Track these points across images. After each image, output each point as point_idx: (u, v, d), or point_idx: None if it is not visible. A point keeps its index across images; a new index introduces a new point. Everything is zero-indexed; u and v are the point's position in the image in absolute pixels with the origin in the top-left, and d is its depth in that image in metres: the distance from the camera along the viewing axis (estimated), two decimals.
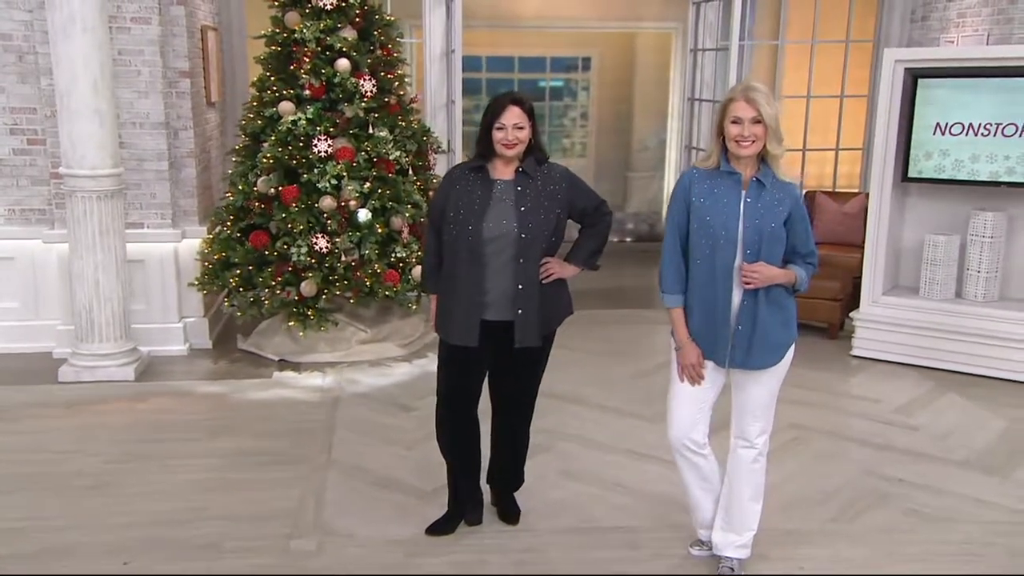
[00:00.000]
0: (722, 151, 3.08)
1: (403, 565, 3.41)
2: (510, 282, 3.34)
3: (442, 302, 3.49)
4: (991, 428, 4.85)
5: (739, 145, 2.99)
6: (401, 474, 4.19)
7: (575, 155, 10.99)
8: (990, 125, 5.45)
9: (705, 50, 7.36)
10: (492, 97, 3.45)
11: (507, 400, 3.65)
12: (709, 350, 3.15)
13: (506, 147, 3.29)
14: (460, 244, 3.34)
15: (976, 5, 6.33)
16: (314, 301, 5.58)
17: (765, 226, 3.03)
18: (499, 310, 3.36)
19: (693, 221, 3.09)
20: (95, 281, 5.30)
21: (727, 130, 3.01)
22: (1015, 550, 3.61)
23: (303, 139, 5.54)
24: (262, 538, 3.57)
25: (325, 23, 5.59)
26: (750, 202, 3.04)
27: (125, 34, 5.58)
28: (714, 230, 3.05)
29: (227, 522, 3.70)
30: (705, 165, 3.14)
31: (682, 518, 3.78)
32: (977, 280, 5.72)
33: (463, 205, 3.34)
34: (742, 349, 3.12)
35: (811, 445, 4.62)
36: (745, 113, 2.96)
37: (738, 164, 3.05)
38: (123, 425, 4.74)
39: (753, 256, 3.03)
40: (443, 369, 3.56)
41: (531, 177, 3.38)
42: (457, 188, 3.39)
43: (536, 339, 3.42)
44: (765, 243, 3.03)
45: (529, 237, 3.32)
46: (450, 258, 3.41)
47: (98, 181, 5.20)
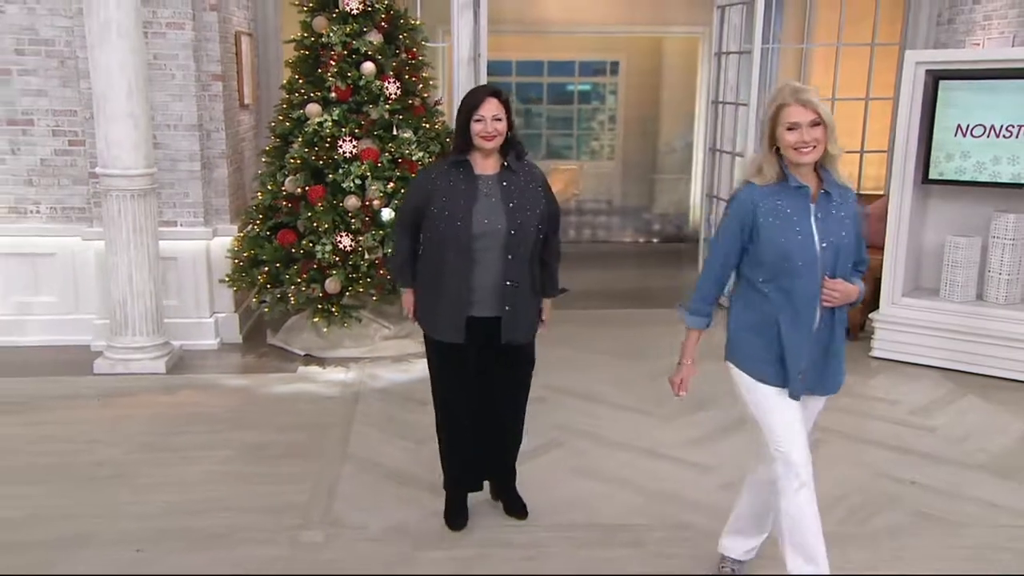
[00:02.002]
0: (779, 162, 2.72)
1: (409, 557, 3.35)
2: (498, 278, 3.25)
3: (425, 297, 3.41)
4: (1011, 432, 4.65)
5: (800, 153, 2.65)
6: (415, 468, 4.13)
7: (603, 157, 10.88)
8: (1012, 127, 5.24)
9: (729, 53, 7.20)
10: (468, 91, 3.38)
11: (496, 397, 3.55)
12: (778, 378, 2.80)
13: (485, 139, 3.20)
14: (448, 241, 3.24)
15: (1002, 7, 6.10)
16: (338, 298, 5.55)
17: (840, 241, 2.71)
18: (486, 306, 3.28)
19: (760, 244, 2.72)
20: (129, 277, 5.33)
21: (782, 138, 2.67)
22: None
23: (329, 140, 5.52)
24: (273, 529, 3.53)
25: (351, 27, 5.56)
26: (820, 217, 2.71)
27: (160, 39, 5.60)
28: (790, 253, 2.69)
29: (240, 513, 3.66)
30: (762, 180, 2.74)
31: (688, 517, 3.69)
32: (999, 282, 5.51)
33: (449, 202, 3.24)
34: (816, 373, 2.82)
35: (827, 446, 4.45)
36: (802, 117, 2.64)
37: (799, 174, 2.72)
38: (150, 417, 4.74)
39: (830, 274, 2.72)
40: (438, 366, 3.47)
41: (515, 172, 3.30)
42: (439, 185, 3.27)
43: (523, 336, 3.36)
44: (841, 258, 2.72)
45: (518, 233, 3.24)
46: (434, 255, 3.31)
47: (132, 181, 5.22)
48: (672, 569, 3.31)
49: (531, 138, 10.84)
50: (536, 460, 4.21)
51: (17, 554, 3.35)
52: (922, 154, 5.59)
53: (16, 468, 4.10)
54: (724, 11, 7.18)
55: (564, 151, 10.92)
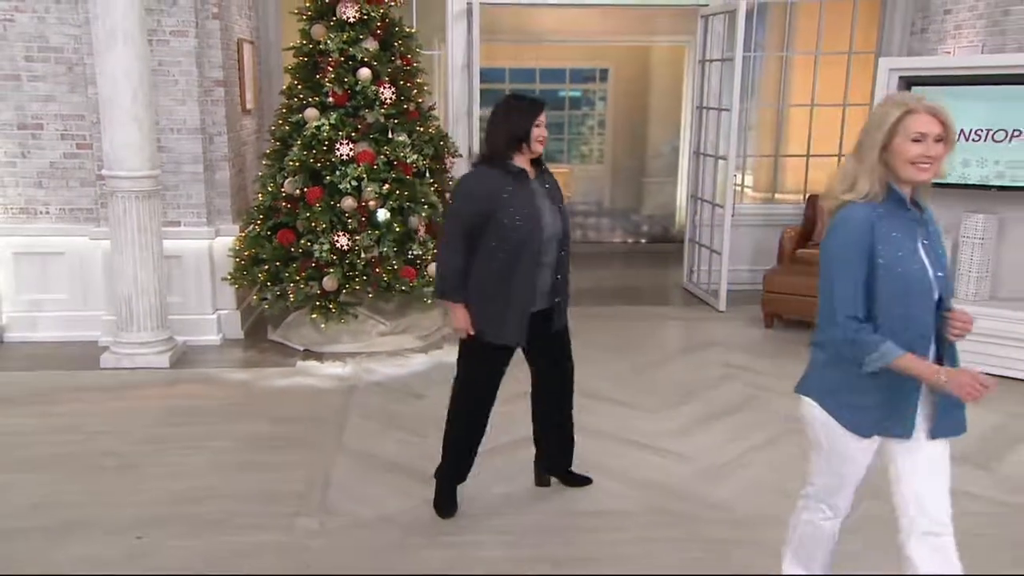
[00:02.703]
0: (885, 177, 2.32)
1: (399, 544, 3.33)
2: (552, 275, 3.36)
3: (490, 306, 3.29)
4: (983, 423, 4.62)
5: (919, 169, 2.27)
6: (407, 459, 4.11)
7: (593, 161, 10.88)
8: (980, 131, 5.24)
9: (712, 61, 7.20)
10: (511, 98, 3.35)
11: (558, 383, 3.66)
12: (888, 422, 2.41)
13: (541, 144, 3.24)
14: (522, 247, 3.20)
15: (972, 18, 6.10)
16: (336, 295, 5.54)
17: (945, 267, 2.36)
18: (540, 303, 3.38)
19: (880, 274, 2.29)
20: (134, 275, 5.31)
21: (902, 150, 2.27)
22: (1000, 541, 3.45)
23: (327, 143, 5.51)
24: (269, 516, 3.52)
25: (348, 35, 5.55)
26: (927, 243, 2.36)
27: (164, 46, 5.58)
28: (910, 285, 2.30)
29: (237, 501, 3.65)
30: (855, 196, 2.32)
31: (669, 503, 3.68)
32: (969, 280, 5.51)
33: (518, 209, 3.18)
34: (944, 411, 2.41)
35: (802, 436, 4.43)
36: (931, 128, 2.26)
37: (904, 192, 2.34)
38: (153, 409, 4.72)
39: (942, 304, 2.38)
40: (481, 369, 3.44)
41: (547, 175, 3.39)
42: (505, 193, 3.17)
43: (565, 319, 3.52)
44: (948, 286, 2.39)
45: (568, 232, 3.37)
46: (503, 262, 3.22)
47: (136, 182, 5.20)
48: (652, 553, 3.30)
49: None
50: (522, 451, 4.18)
51: (20, 540, 3.34)
52: None
53: (25, 457, 4.09)
54: (708, 20, 7.18)
55: (556, 155, 10.91)
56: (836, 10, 7.54)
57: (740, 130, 7.48)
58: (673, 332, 6.59)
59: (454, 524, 3.49)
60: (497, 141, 3.23)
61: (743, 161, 8.32)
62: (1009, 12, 5.69)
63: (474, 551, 3.29)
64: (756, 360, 5.71)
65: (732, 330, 6.44)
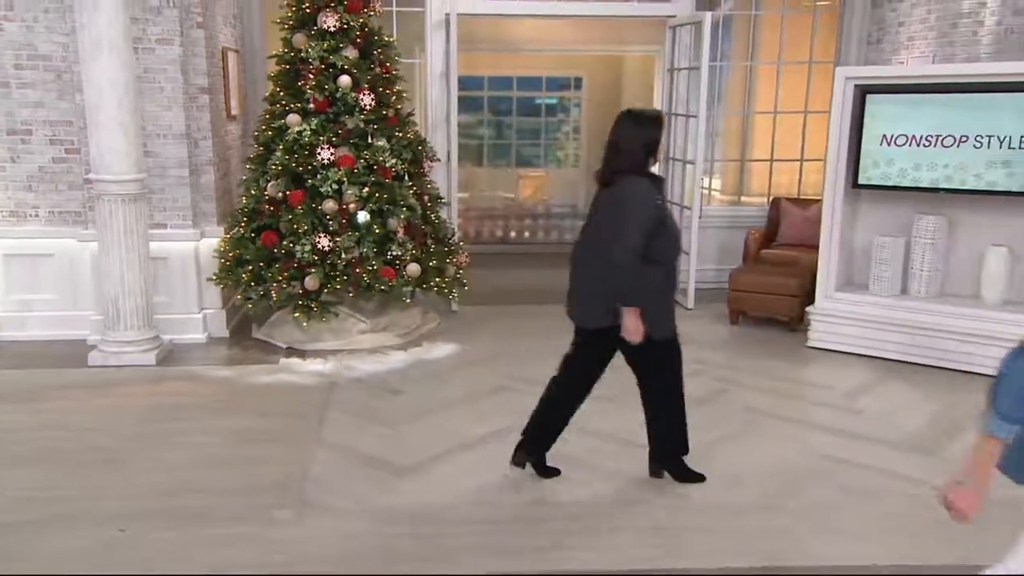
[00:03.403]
0: None
1: (373, 534, 3.32)
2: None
3: (660, 306, 3.47)
4: (926, 411, 4.70)
5: None
6: (383, 452, 4.10)
7: (569, 165, 10.89)
8: (931, 136, 5.30)
9: (680, 69, 7.22)
10: (637, 114, 3.46)
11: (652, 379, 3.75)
12: None
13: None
14: (677, 249, 3.47)
15: (923, 30, 6.16)
16: (317, 295, 5.51)
17: None
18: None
19: None
20: (120, 276, 5.26)
21: None
22: (936, 523, 3.46)
23: (308, 148, 5.49)
24: (248, 508, 3.50)
25: (329, 43, 5.53)
26: None
27: (150, 54, 5.53)
28: None
29: (219, 494, 3.62)
30: None
31: (636, 494, 3.69)
32: (920, 278, 5.57)
33: (669, 216, 3.46)
34: None
35: (763, 427, 4.49)
36: None
37: None
38: (139, 406, 4.68)
39: None
40: (673, 359, 3.62)
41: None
42: (659, 200, 3.38)
43: None
44: None
45: None
46: (669, 263, 3.45)
47: (122, 186, 5.15)
48: (617, 542, 3.30)
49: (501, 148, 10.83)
50: (494, 443, 4.20)
51: (11, 533, 3.30)
52: (852, 162, 5.63)
53: (15, 453, 4.04)
54: (676, 31, 7.21)
55: (533, 160, 10.91)
56: (797, 22, 7.60)
57: (707, 136, 7.51)
58: None
59: (420, 515, 3.48)
60: (636, 153, 3.37)
61: (711, 165, 8.36)
62: (957, 25, 5.76)
63: (445, 541, 3.29)
64: (722, 355, 5.74)
65: (700, 327, 6.45)
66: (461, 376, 5.27)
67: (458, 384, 5.10)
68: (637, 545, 3.28)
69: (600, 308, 3.46)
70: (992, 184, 5.17)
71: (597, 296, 3.46)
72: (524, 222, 10.34)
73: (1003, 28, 5.52)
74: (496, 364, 5.48)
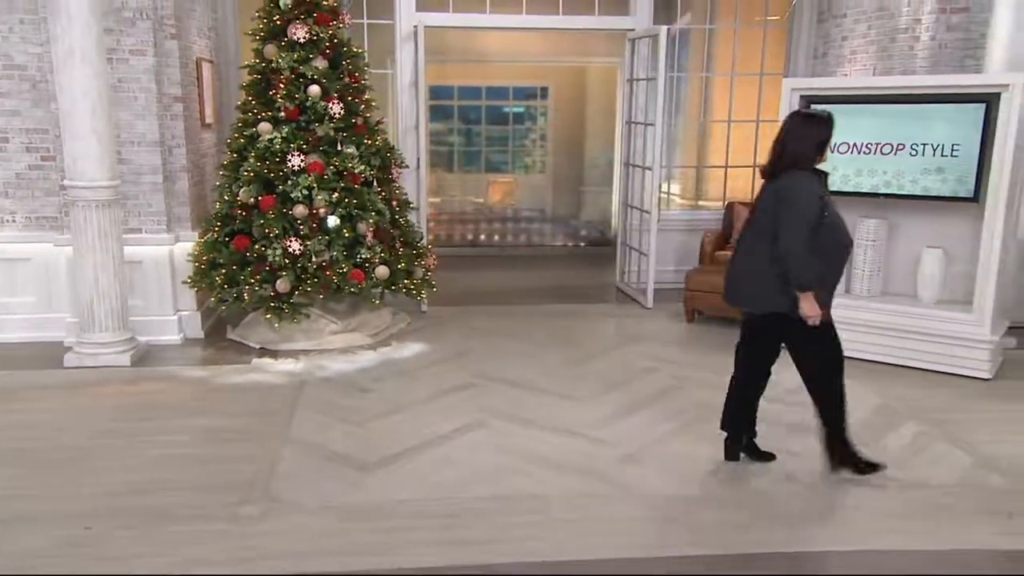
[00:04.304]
0: None
1: (337, 530, 3.26)
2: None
3: (829, 291, 3.58)
4: (867, 405, 4.73)
5: None
6: (349, 449, 4.04)
7: (536, 171, 10.88)
8: (871, 145, 5.35)
9: (639, 80, 7.23)
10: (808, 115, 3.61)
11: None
12: None
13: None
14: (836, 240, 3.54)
15: (865, 44, 6.21)
16: (288, 296, 5.44)
17: None
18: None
19: None
20: (95, 279, 5.15)
21: None
22: (878, 511, 3.50)
23: (279, 155, 5.42)
24: (214, 506, 3.42)
25: (299, 54, 5.46)
26: None
27: (124, 64, 5.42)
28: None
29: (186, 492, 3.55)
30: None
31: (590, 487, 3.67)
32: (863, 277, 5.61)
33: (831, 209, 3.51)
34: None
35: (714, 421, 4.44)
36: None
37: None
38: (113, 406, 4.58)
39: None
40: (835, 340, 3.68)
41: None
42: (823, 195, 3.48)
43: None
44: None
45: None
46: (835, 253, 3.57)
47: (96, 192, 5.05)
48: (570, 533, 3.28)
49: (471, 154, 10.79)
50: (458, 440, 4.16)
51: None
52: None
53: None
54: (634, 44, 7.21)
55: (501, 166, 10.89)
56: (750, 36, 7.64)
57: (665, 143, 7.53)
58: (604, 328, 6.58)
59: (388, 508, 3.43)
60: (805, 150, 3.48)
61: (669, 171, 8.39)
62: (895, 40, 5.82)
63: (407, 534, 3.24)
64: (678, 352, 5.75)
65: (658, 325, 6.47)
66: (429, 374, 5.22)
67: (426, 382, 5.05)
68: (595, 535, 3.25)
69: (770, 293, 3.52)
70: (927, 189, 5.22)
71: (766, 282, 3.51)
72: (493, 226, 10.31)
73: (937, 43, 5.59)
74: (463, 363, 5.44)
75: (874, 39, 6.07)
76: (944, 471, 3.89)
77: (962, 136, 5.05)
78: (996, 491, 3.69)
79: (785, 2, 7.50)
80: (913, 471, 3.87)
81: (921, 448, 4.14)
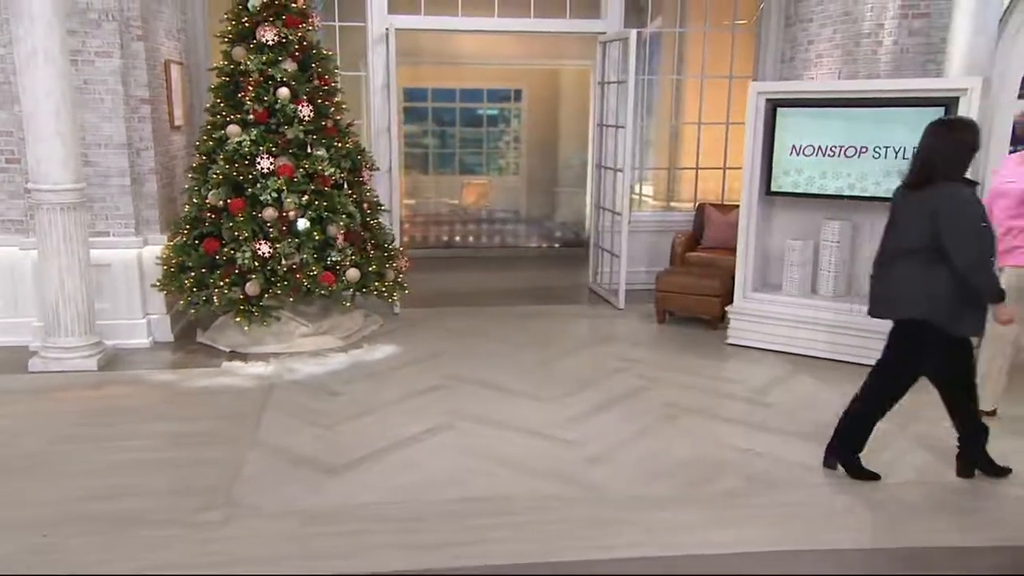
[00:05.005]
0: None
1: (297, 535, 3.23)
2: None
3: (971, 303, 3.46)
4: (832, 405, 4.70)
5: None
6: (316, 452, 4.00)
7: (510, 173, 10.86)
8: (835, 147, 5.39)
9: (610, 83, 7.24)
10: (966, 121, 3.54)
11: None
12: None
13: None
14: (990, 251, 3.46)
15: (830, 48, 6.27)
16: (258, 299, 5.38)
17: None
18: None
19: None
20: (60, 282, 5.07)
21: None
22: (830, 510, 3.53)
23: (248, 157, 5.36)
24: (176, 511, 3.37)
25: (268, 56, 5.41)
26: None
27: (89, 66, 5.34)
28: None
29: (148, 497, 3.49)
30: None
31: (554, 488, 3.66)
32: (828, 278, 5.66)
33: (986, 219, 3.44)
34: None
35: (679, 420, 4.51)
36: None
37: None
38: (77, 410, 4.50)
39: None
40: (966, 358, 3.61)
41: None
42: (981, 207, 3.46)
43: None
44: None
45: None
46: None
47: (60, 195, 4.97)
48: (532, 534, 3.27)
49: (445, 156, 10.75)
50: (425, 442, 4.14)
51: None
52: (765, 170, 5.70)
53: None
54: (605, 47, 7.23)
55: (475, 168, 10.86)
56: (720, 39, 7.68)
57: (636, 145, 7.55)
58: (576, 328, 6.58)
59: (348, 512, 3.40)
60: (958, 160, 3.38)
61: (641, 173, 8.41)
62: (860, 44, 5.87)
63: (369, 538, 3.22)
64: (647, 353, 5.76)
65: (629, 326, 6.49)
66: (399, 376, 5.19)
67: (396, 384, 5.03)
68: (555, 537, 3.25)
69: (921, 300, 3.48)
70: (889, 191, 5.17)
71: (914, 290, 3.49)
72: (468, 227, 10.29)
73: (899, 48, 5.64)
74: (435, 364, 5.42)
75: (839, 43, 6.12)
76: (906, 468, 3.92)
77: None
78: (955, 487, 3.73)
79: (753, 6, 7.56)
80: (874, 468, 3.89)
81: (884, 445, 4.18)
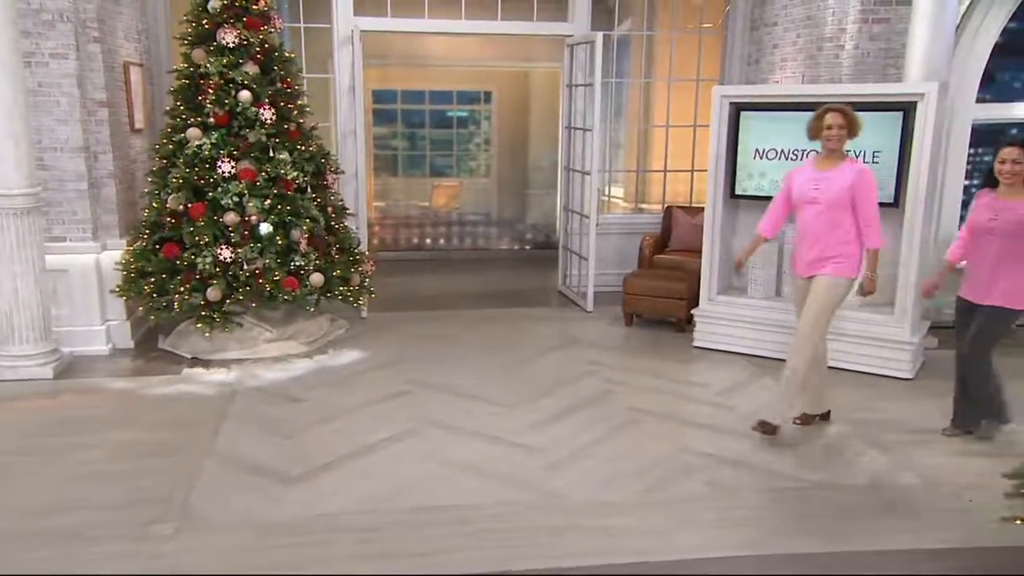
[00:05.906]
0: None
1: (251, 547, 3.16)
2: None
3: None
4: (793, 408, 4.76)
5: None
6: (274, 461, 3.93)
7: (481, 175, 10.81)
8: (798, 151, 5.41)
9: (577, 86, 7.23)
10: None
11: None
12: None
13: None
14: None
15: (794, 52, 6.30)
16: (220, 305, 5.29)
17: None
18: None
19: None
20: (14, 289, 4.94)
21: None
22: (792, 513, 3.52)
23: (209, 161, 5.26)
24: (126, 525, 3.29)
25: (228, 59, 5.31)
26: None
27: (44, 68, 5.20)
28: None
29: (97, 511, 3.40)
30: None
31: (514, 495, 3.63)
32: (790, 280, 5.66)
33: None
34: None
35: (642, 424, 4.49)
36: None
37: None
38: (27, 420, 4.39)
39: None
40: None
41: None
42: None
43: None
44: None
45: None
46: None
47: (13, 200, 4.84)
48: (492, 542, 3.23)
49: (415, 159, 10.67)
50: (387, 449, 4.09)
51: None
52: (729, 173, 5.71)
53: None
54: (572, 50, 7.21)
55: (446, 170, 10.80)
56: (688, 42, 7.69)
57: (602, 148, 7.53)
58: (545, 331, 6.54)
59: (305, 524, 3.34)
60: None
61: (610, 175, 8.41)
62: (822, 48, 5.90)
63: (325, 549, 3.16)
64: (614, 356, 5.74)
65: (597, 329, 6.46)
66: (364, 382, 5.12)
67: (359, 390, 4.96)
68: (515, 545, 3.21)
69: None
70: None
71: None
72: (438, 229, 10.23)
73: (860, 52, 5.68)
74: (400, 369, 5.36)
75: (802, 47, 6.15)
76: (859, 471, 3.94)
77: (882, 143, 5.14)
78: (908, 490, 3.75)
79: (720, 10, 7.58)
80: (826, 472, 3.91)
81: (840, 449, 4.19)
